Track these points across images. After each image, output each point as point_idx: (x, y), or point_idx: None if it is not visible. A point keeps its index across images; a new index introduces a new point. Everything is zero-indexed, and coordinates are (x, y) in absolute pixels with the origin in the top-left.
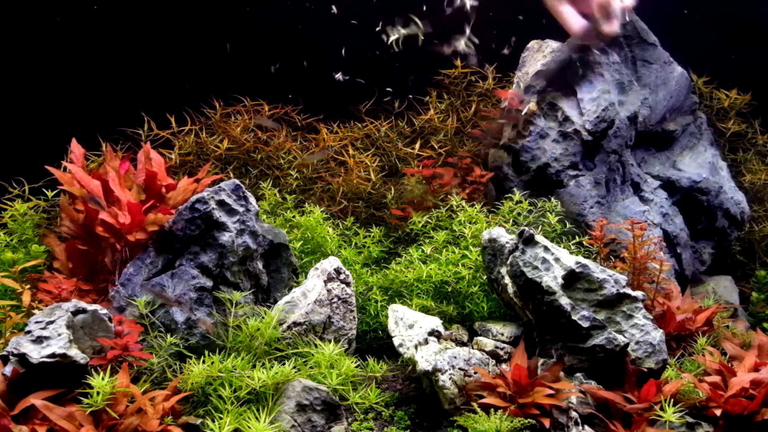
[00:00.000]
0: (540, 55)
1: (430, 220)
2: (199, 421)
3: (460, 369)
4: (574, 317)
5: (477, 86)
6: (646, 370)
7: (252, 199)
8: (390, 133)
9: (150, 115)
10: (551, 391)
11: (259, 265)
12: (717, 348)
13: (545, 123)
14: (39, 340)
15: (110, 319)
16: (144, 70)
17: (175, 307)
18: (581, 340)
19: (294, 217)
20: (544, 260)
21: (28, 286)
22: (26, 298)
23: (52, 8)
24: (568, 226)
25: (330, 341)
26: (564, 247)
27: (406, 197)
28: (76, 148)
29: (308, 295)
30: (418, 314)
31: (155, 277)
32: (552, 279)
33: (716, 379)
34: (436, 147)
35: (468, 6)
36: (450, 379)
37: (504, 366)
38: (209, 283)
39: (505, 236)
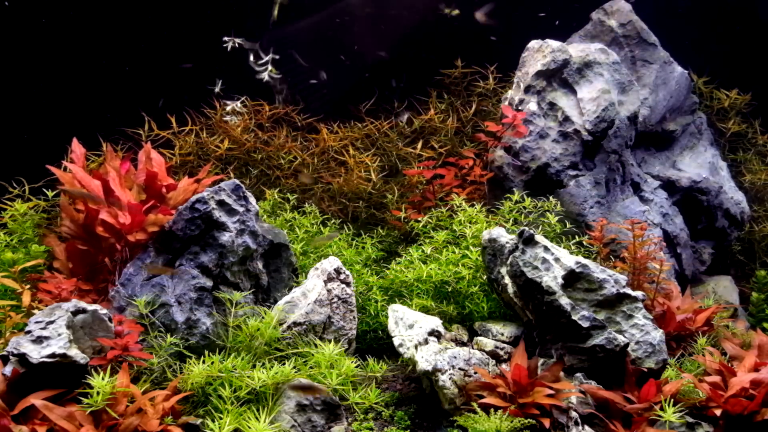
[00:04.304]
0: (540, 55)
1: (430, 220)
2: (199, 421)
3: (460, 369)
4: (574, 317)
5: (477, 86)
6: (646, 370)
7: (252, 199)
8: (390, 133)
9: (150, 115)
10: (551, 391)
11: (259, 265)
12: (717, 348)
13: (545, 123)
14: (39, 340)
15: (110, 319)
16: (144, 71)
17: (175, 306)
18: (581, 340)
19: (294, 218)
20: (544, 260)
21: (28, 286)
22: (26, 298)
23: (52, 9)
24: (568, 226)
25: (330, 341)
26: (564, 247)
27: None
28: (76, 148)
29: (308, 295)
30: (418, 314)
31: (155, 276)
32: (552, 279)
33: (716, 379)
34: (436, 147)
35: None
36: (450, 379)
37: (504, 366)
38: (209, 283)
39: (505, 236)
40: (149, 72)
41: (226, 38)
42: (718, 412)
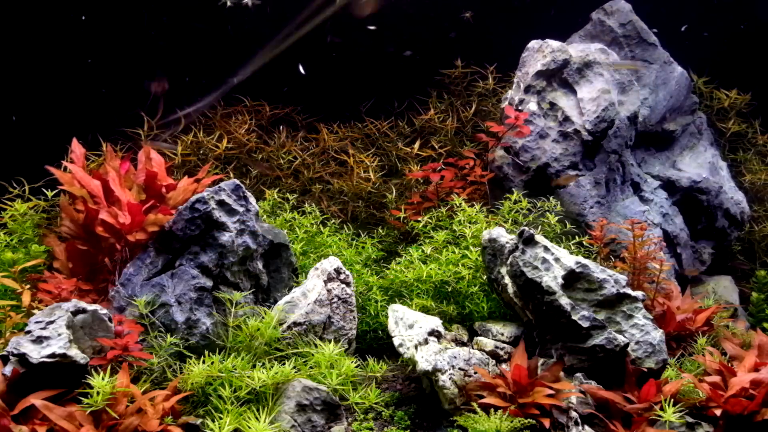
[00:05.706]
0: (540, 55)
1: (430, 220)
2: (199, 421)
3: (460, 369)
4: (574, 317)
5: (477, 86)
6: (646, 370)
7: (252, 199)
8: (390, 133)
9: (150, 115)
10: (551, 391)
11: (259, 265)
12: (717, 348)
13: (545, 123)
14: (39, 340)
15: (110, 319)
16: (144, 70)
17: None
18: (581, 340)
19: (294, 218)
20: (544, 260)
21: (28, 286)
22: (26, 298)
23: (52, 9)
24: (568, 226)
25: (330, 341)
26: (564, 247)
27: None
28: (76, 148)
29: (308, 295)
30: (418, 314)
31: (155, 277)
32: (552, 279)
33: (716, 379)
34: (436, 147)
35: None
36: (450, 379)
37: (504, 366)
38: (209, 283)
39: (505, 236)
40: (149, 71)
41: None
42: (718, 412)
